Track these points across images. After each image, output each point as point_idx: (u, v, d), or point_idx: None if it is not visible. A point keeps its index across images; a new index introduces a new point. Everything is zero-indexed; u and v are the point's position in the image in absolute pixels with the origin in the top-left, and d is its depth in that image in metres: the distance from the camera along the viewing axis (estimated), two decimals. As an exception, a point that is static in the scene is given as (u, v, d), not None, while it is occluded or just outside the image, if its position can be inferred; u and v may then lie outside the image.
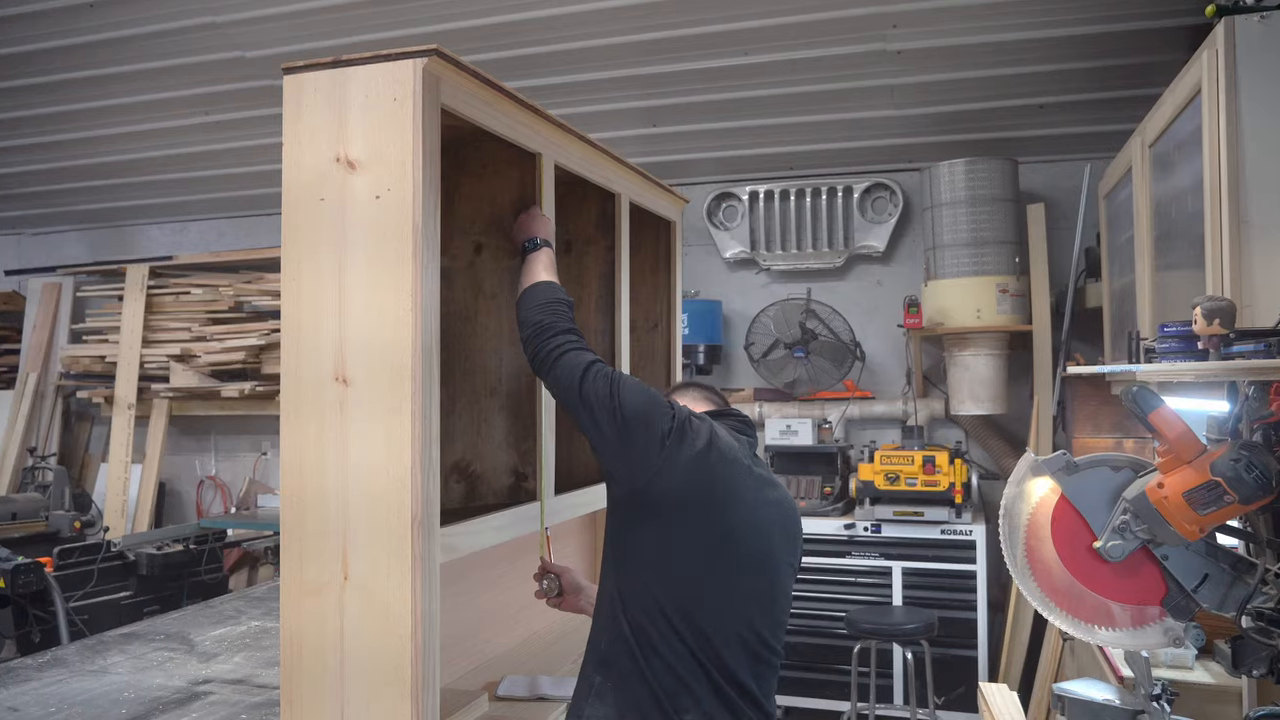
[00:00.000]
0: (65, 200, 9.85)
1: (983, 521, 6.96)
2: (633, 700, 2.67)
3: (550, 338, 2.91)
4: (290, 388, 2.78)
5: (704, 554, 2.69)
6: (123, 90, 7.82)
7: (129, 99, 7.90)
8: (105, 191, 9.56)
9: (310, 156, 2.76)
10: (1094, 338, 7.11)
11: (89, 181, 9.36)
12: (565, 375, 2.83)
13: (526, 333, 2.97)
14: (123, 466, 9.20)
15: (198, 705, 3.77)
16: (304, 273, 2.76)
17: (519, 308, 3.06)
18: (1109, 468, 2.88)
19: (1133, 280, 5.43)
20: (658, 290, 4.77)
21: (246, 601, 5.65)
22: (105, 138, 8.53)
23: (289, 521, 2.77)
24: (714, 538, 2.70)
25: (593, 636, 2.85)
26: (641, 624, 2.67)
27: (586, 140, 3.75)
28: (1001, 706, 3.81)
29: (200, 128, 8.20)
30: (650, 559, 2.71)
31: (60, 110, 8.21)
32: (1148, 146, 5.04)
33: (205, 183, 9.18)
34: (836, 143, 7.78)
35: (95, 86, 7.81)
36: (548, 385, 2.92)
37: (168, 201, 9.66)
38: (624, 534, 2.78)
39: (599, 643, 2.79)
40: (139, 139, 8.46)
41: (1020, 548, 2.89)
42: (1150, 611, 2.83)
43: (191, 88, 7.70)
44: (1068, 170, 7.67)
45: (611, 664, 2.72)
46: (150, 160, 8.80)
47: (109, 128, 8.37)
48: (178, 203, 9.68)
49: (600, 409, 2.73)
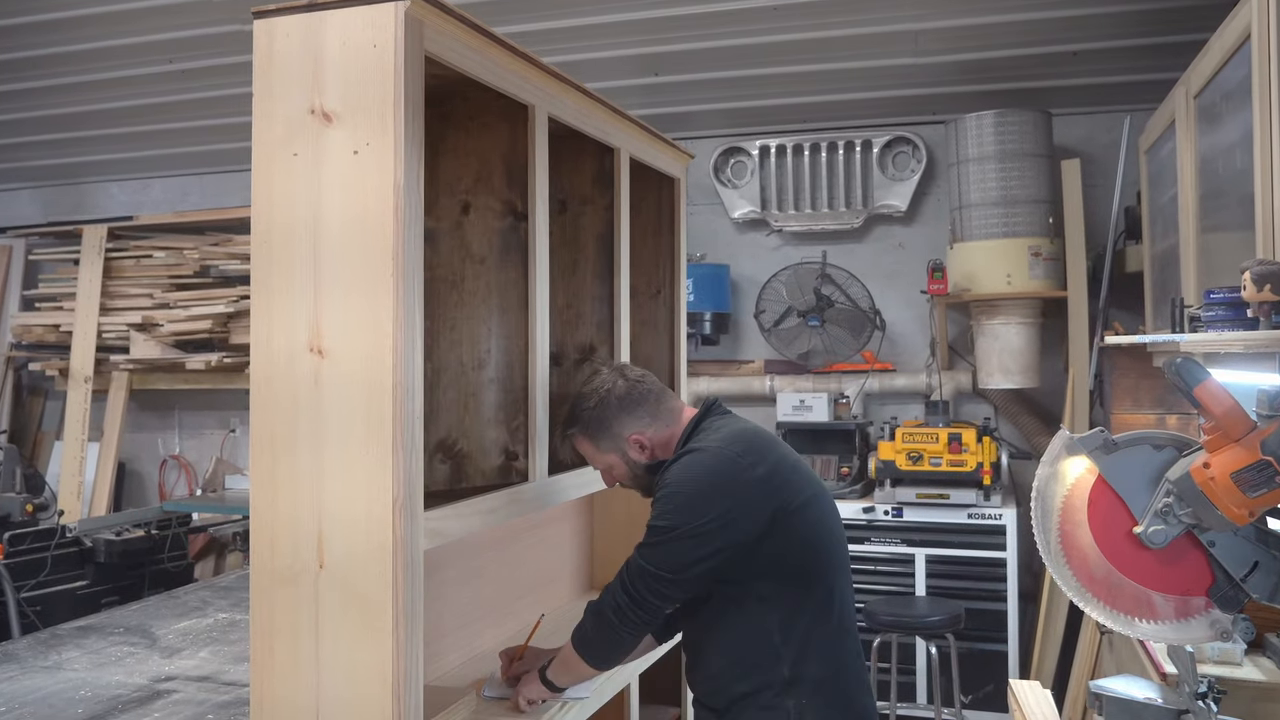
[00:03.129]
0: (16, 155, 9.82)
1: (1013, 505, 6.97)
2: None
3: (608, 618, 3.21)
4: (261, 359, 2.78)
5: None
6: (78, 36, 7.80)
7: (85, 45, 7.87)
8: (60, 146, 9.53)
9: (282, 108, 2.75)
10: (1134, 305, 7.08)
11: (42, 135, 9.33)
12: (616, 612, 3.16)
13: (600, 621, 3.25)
14: (79, 445, 9.19)
15: (160, 704, 3.78)
16: (275, 235, 2.75)
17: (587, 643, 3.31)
18: (1150, 446, 2.87)
19: (1176, 242, 5.42)
20: (660, 254, 4.75)
21: (213, 592, 5.66)
22: (59, 88, 8.50)
23: (259, 504, 2.77)
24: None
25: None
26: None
27: (583, 90, 3.73)
28: (1034, 705, 3.81)
29: (163, 76, 8.18)
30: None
31: (9, 58, 8.19)
32: (1192, 97, 5.02)
33: (169, 136, 9.15)
34: (854, 93, 7.76)
35: (48, 32, 7.79)
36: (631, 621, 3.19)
37: (128, 157, 9.64)
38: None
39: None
40: (96, 89, 8.43)
41: (1054, 533, 2.89)
42: (1195, 602, 2.83)
43: (154, 33, 7.68)
44: (1105, 123, 7.65)
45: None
46: (109, 112, 8.78)
47: (63, 76, 8.34)
48: (139, 158, 9.65)
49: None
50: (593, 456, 3.45)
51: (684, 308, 4.81)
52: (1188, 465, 2.72)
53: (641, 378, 3.43)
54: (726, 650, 3.23)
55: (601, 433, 3.36)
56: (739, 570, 3.11)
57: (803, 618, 3.15)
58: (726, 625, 3.21)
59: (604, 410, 3.34)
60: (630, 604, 3.09)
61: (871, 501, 7.16)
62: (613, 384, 3.37)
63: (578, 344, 4.19)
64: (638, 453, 3.35)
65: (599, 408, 3.34)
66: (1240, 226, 4.19)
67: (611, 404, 3.34)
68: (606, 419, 3.34)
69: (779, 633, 3.14)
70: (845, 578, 3.30)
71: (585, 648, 3.24)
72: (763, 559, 3.10)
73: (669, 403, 3.42)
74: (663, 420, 3.37)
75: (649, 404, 3.36)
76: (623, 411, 3.33)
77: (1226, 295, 3.40)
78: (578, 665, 3.28)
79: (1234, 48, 4.21)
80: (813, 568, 3.17)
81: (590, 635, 3.22)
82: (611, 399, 3.34)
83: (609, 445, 3.37)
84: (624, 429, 3.34)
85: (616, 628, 3.14)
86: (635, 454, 3.35)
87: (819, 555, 3.19)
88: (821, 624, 3.17)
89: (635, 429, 3.34)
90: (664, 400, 3.41)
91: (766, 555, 3.10)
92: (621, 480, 3.45)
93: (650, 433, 3.35)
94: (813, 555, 3.17)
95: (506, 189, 3.51)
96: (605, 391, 3.35)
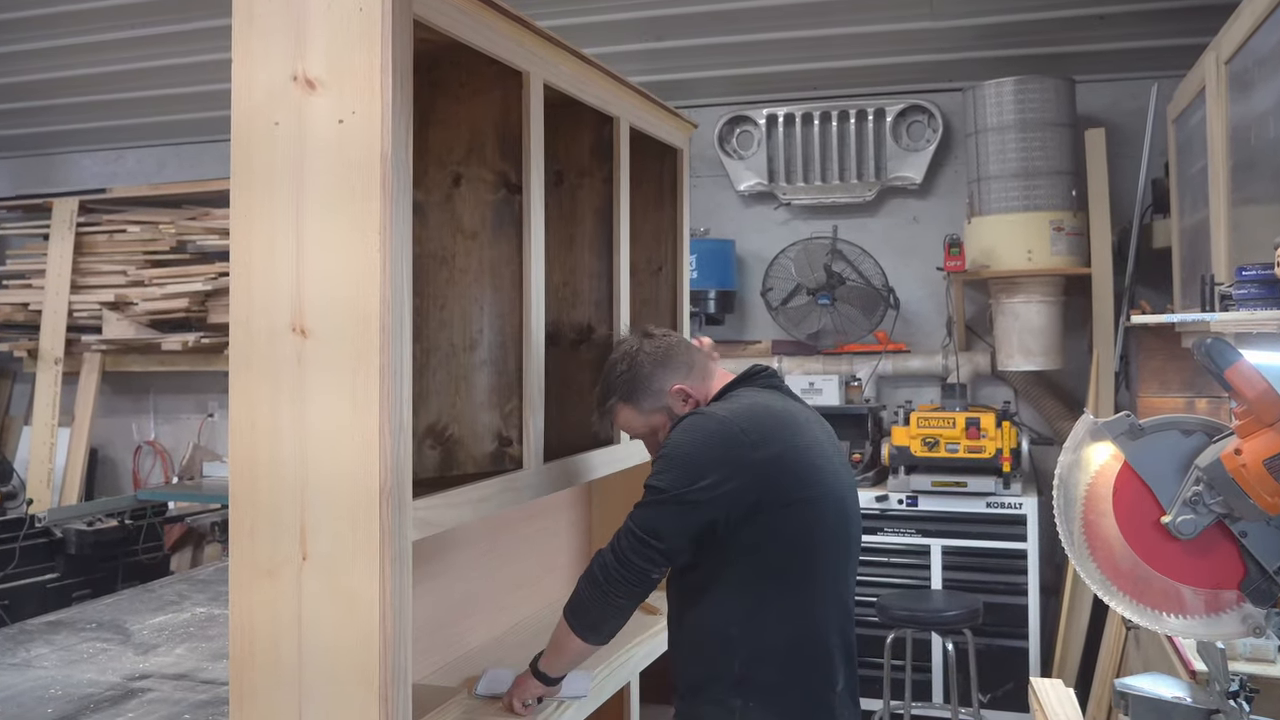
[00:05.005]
0: (-19, 125, 9.81)
1: (1034, 493, 6.97)
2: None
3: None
4: (240, 339, 2.78)
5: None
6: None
7: (54, 8, 7.82)
8: (28, 115, 9.51)
9: (263, 75, 2.75)
10: (1162, 282, 7.08)
11: (8, 103, 9.31)
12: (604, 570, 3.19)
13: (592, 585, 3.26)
14: (48, 430, 9.19)
15: (134, 704, 3.79)
16: (256, 208, 2.75)
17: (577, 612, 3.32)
18: (1179, 431, 2.87)
19: (1206, 216, 5.42)
20: (661, 228, 4.76)
21: (190, 585, 5.67)
22: (26, 53, 8.46)
23: (239, 493, 2.78)
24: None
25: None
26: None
27: (580, 56, 3.73)
28: (1056, 705, 3.81)
29: (138, 41, 8.13)
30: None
31: (-28, 23, 8.18)
32: (1223, 63, 5.02)
33: (143, 105, 9.13)
34: (867, 59, 7.74)
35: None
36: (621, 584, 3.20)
37: (100, 126, 9.61)
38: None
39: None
40: (67, 54, 8.40)
41: (1077, 523, 2.89)
42: (1226, 596, 2.83)
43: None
44: (1132, 90, 7.62)
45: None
46: (80, 79, 8.74)
47: (30, 41, 8.30)
48: (112, 128, 9.63)
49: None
50: (636, 424, 3.47)
51: (687, 285, 4.81)
52: (1218, 451, 2.72)
53: (666, 333, 3.50)
54: (691, 633, 3.28)
55: (642, 393, 3.39)
56: (713, 552, 3.14)
57: (765, 618, 3.16)
58: (695, 608, 3.25)
59: (638, 370, 3.37)
60: (616, 563, 3.12)
61: (885, 490, 7.16)
62: (639, 344, 3.42)
63: (574, 324, 4.19)
64: (683, 404, 3.38)
65: (632, 369, 3.38)
66: (1274, 199, 4.19)
67: (644, 362, 3.37)
68: (643, 378, 3.37)
69: (736, 625, 3.17)
70: (843, 590, 3.32)
71: (575, 614, 3.24)
72: (738, 546, 3.13)
73: (698, 356, 3.47)
74: (699, 372, 3.42)
75: (680, 354, 3.41)
76: (658, 367, 3.37)
77: (1259, 272, 3.40)
78: (568, 641, 3.27)
79: (1267, 11, 4.20)
80: (792, 570, 3.18)
81: (581, 597, 3.23)
82: (643, 357, 3.38)
83: (652, 404, 3.40)
84: (664, 383, 3.37)
85: (603, 587, 3.15)
86: (680, 406, 3.38)
87: (805, 559, 3.19)
88: (787, 630, 3.18)
89: (675, 380, 3.37)
90: (693, 352, 3.47)
91: (743, 543, 3.12)
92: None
93: (690, 383, 3.38)
94: (797, 558, 3.18)
95: (500, 160, 3.51)
96: (635, 352, 3.40)
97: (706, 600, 3.20)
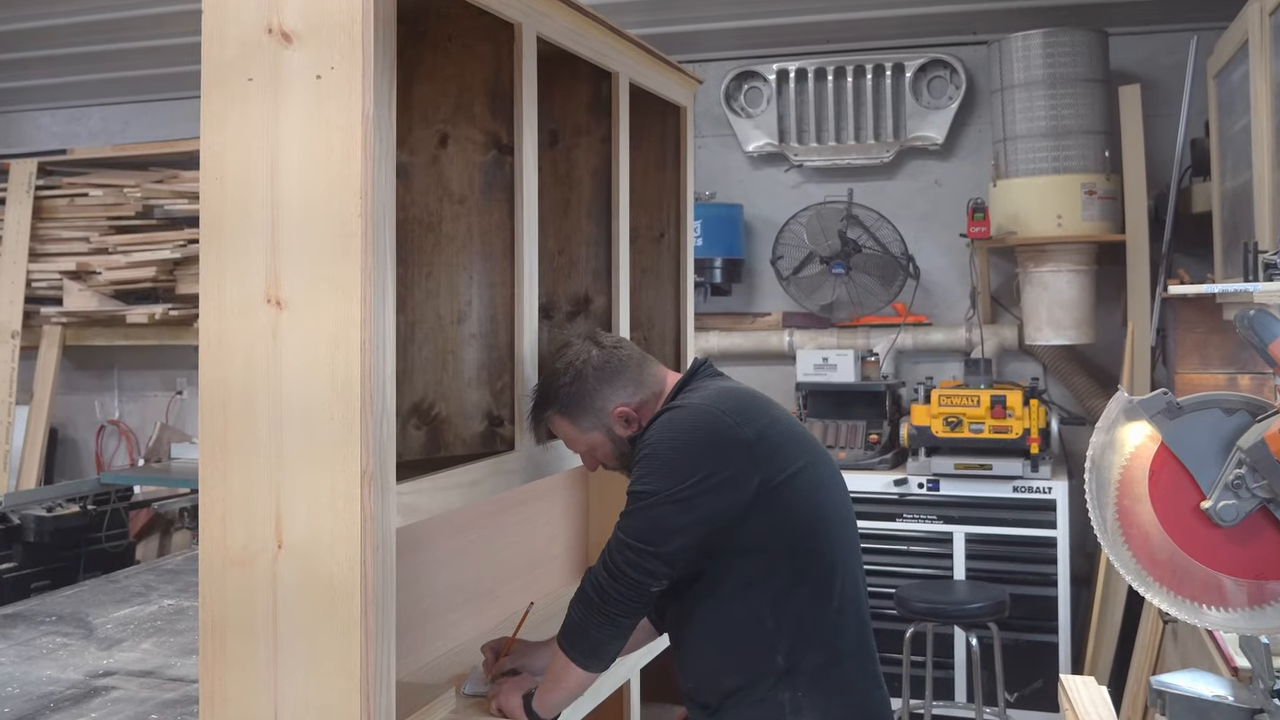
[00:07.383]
0: (-69, 81, 9.79)
1: (1065, 477, 6.99)
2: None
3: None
4: (211, 311, 2.77)
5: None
6: (0, -57, 7.77)
7: (8, -46, 7.85)
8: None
9: (235, 27, 2.74)
10: (1202, 250, 7.09)
11: (-40, 58, 9.31)
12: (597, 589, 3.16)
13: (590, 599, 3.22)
14: (5, 409, 9.18)
15: (98, 702, 3.79)
16: (228, 169, 2.75)
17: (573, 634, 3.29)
18: (1220, 410, 2.87)
19: (1249, 179, 5.42)
20: (664, 191, 4.74)
21: (157, 575, 5.68)
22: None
23: (209, 475, 2.78)
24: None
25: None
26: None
27: (577, 7, 3.72)
28: (1088, 704, 3.81)
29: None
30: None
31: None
32: (1268, 14, 5.01)
33: (107, 59, 9.09)
34: (884, 9, 7.72)
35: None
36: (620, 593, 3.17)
37: (61, 82, 9.60)
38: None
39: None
40: (23, 5, 8.36)
41: (1111, 509, 2.89)
42: (1271, 587, 2.83)
43: (87, -61, 7.65)
44: (1169, 44, 7.62)
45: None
46: (39, 31, 8.70)
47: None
48: (73, 84, 9.62)
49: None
50: (573, 439, 3.45)
51: (691, 253, 4.79)
52: (1262, 432, 2.71)
53: (619, 344, 3.46)
54: (715, 639, 3.25)
55: (581, 410, 3.36)
56: (724, 546, 3.14)
57: (798, 600, 3.17)
58: (714, 611, 3.23)
59: (581, 384, 3.34)
60: (610, 580, 3.09)
61: (904, 473, 7.17)
62: (587, 354, 3.38)
63: (571, 294, 4.18)
64: (623, 427, 3.35)
65: (575, 382, 3.34)
66: (1323, 160, 4.18)
67: (589, 376, 3.34)
68: (585, 393, 3.34)
69: (771, 617, 3.16)
70: (851, 555, 3.33)
71: (571, 640, 3.22)
72: (749, 534, 3.13)
73: (651, 369, 3.44)
74: (647, 387, 3.39)
75: (630, 371, 3.38)
76: (602, 383, 3.34)
77: (1307, 239, 3.40)
78: (567, 673, 3.25)
79: (1317, -42, 4.20)
80: (808, 543, 3.20)
81: (577, 621, 3.20)
82: (589, 370, 3.34)
83: (591, 423, 3.37)
84: (606, 402, 3.34)
85: (600, 608, 3.13)
86: (621, 429, 3.35)
87: (815, 529, 3.22)
88: (819, 606, 3.20)
89: (619, 400, 3.35)
90: (646, 366, 3.43)
91: (754, 530, 3.13)
92: (606, 462, 3.46)
93: (635, 402, 3.36)
94: (808, 530, 3.20)
95: (490, 119, 3.50)
96: (581, 363, 3.36)
97: (724, 602, 3.20)
